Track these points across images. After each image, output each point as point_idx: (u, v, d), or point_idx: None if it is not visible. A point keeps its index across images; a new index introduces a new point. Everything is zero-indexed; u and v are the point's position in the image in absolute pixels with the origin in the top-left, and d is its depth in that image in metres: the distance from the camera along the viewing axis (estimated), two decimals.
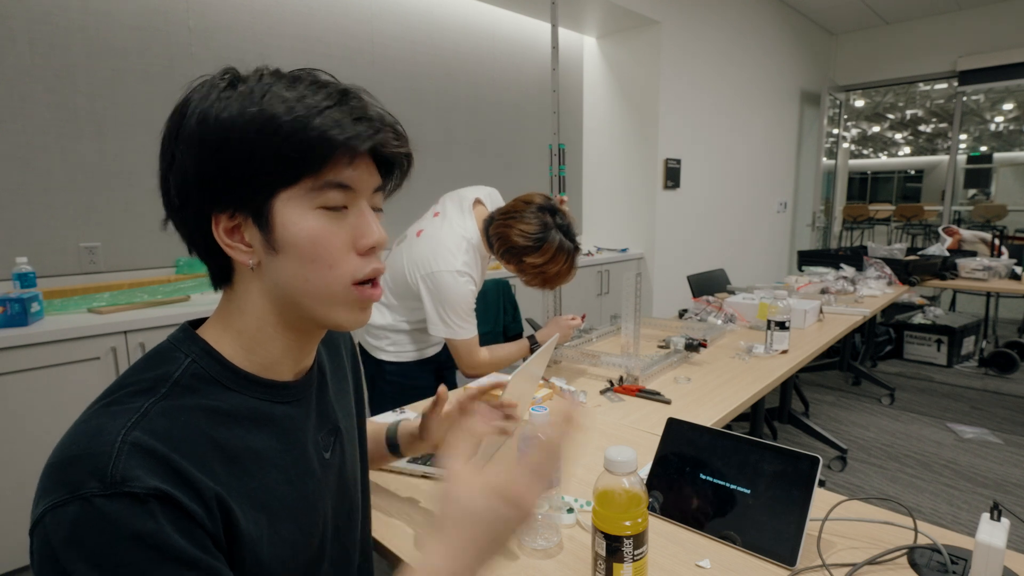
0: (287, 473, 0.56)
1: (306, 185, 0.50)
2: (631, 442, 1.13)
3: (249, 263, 0.52)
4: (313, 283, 0.52)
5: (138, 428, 0.46)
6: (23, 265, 1.86)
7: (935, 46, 5.43)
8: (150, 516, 0.43)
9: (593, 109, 4.17)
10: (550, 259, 1.38)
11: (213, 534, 0.47)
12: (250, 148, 0.48)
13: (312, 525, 0.59)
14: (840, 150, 6.53)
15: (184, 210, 0.52)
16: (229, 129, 0.48)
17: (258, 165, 0.49)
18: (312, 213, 0.51)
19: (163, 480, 0.44)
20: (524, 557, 0.77)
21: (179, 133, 0.50)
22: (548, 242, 1.37)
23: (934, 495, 2.35)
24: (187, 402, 0.50)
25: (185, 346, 0.53)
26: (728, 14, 4.39)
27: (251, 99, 0.49)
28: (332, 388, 0.68)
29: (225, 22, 2.40)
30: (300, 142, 0.48)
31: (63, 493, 0.42)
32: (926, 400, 3.38)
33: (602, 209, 4.23)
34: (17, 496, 1.70)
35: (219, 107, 0.49)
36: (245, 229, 0.51)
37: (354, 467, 0.71)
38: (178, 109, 0.52)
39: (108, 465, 0.43)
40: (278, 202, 0.50)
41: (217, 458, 0.49)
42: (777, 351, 1.75)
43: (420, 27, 3.08)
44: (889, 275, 3.06)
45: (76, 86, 2.08)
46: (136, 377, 0.51)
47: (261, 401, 0.55)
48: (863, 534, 0.81)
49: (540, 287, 1.48)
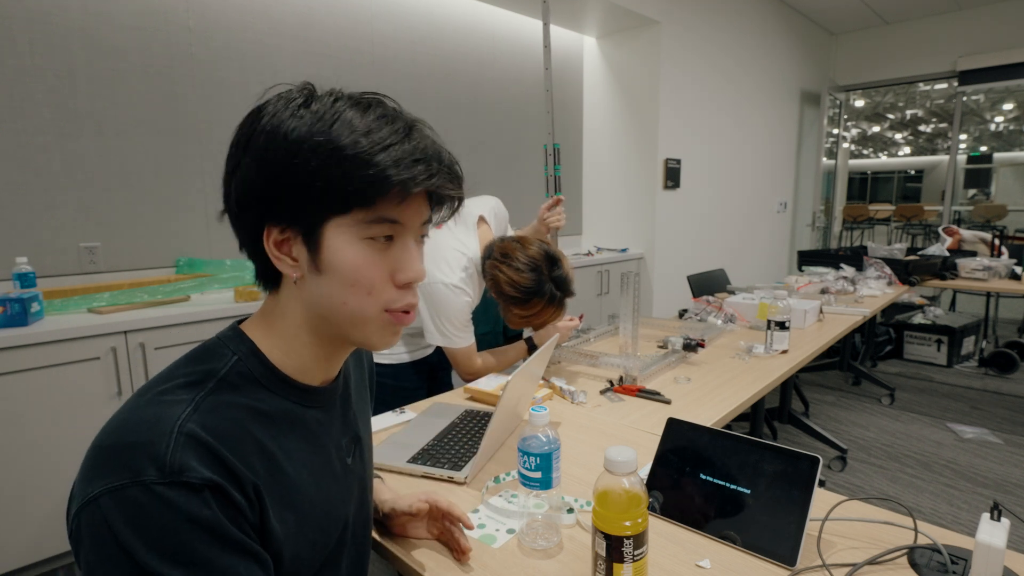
0: (315, 475, 0.58)
1: (358, 216, 0.52)
2: (631, 442, 1.13)
3: (293, 276, 0.54)
4: (350, 306, 0.54)
5: (192, 420, 0.48)
6: (23, 265, 1.86)
7: (935, 46, 5.43)
8: (205, 504, 0.46)
9: (593, 109, 4.17)
10: (536, 313, 1.35)
11: (253, 524, 0.50)
12: (312, 173, 0.50)
13: (333, 527, 0.61)
14: (840, 150, 6.53)
15: (241, 215, 0.54)
16: (295, 151, 0.50)
17: (316, 191, 0.50)
18: (360, 243, 0.53)
19: (214, 472, 0.47)
20: (524, 557, 0.77)
21: (248, 142, 0.52)
22: (538, 297, 1.31)
23: (934, 495, 2.35)
24: (232, 399, 0.52)
25: (233, 344, 0.56)
26: (728, 14, 4.39)
27: (321, 123, 0.50)
28: (355, 399, 0.70)
29: (225, 22, 2.40)
30: (360, 178, 0.50)
31: (123, 477, 0.44)
32: (926, 400, 3.38)
33: (602, 209, 4.23)
34: (18, 496, 1.69)
35: (289, 125, 0.50)
36: (294, 245, 0.54)
37: (370, 476, 0.73)
38: (251, 116, 0.53)
39: (167, 455, 0.45)
40: (329, 227, 0.52)
41: (256, 454, 0.52)
42: (777, 351, 1.75)
43: (420, 27, 3.08)
44: (889, 275, 3.06)
45: (76, 86, 2.08)
46: (186, 370, 0.53)
47: (294, 404, 0.58)
48: (863, 534, 0.81)
49: (532, 323, 1.43)
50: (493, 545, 0.80)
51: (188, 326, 1.94)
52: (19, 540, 1.71)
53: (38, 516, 1.73)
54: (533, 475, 0.78)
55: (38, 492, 1.73)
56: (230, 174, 0.54)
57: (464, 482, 0.97)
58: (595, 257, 3.70)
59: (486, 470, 1.02)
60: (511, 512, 0.88)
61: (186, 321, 1.94)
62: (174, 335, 1.92)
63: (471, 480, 0.98)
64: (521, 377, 1.05)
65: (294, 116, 0.51)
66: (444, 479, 0.98)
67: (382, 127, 0.51)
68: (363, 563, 0.71)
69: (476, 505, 0.90)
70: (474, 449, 1.06)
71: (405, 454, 1.05)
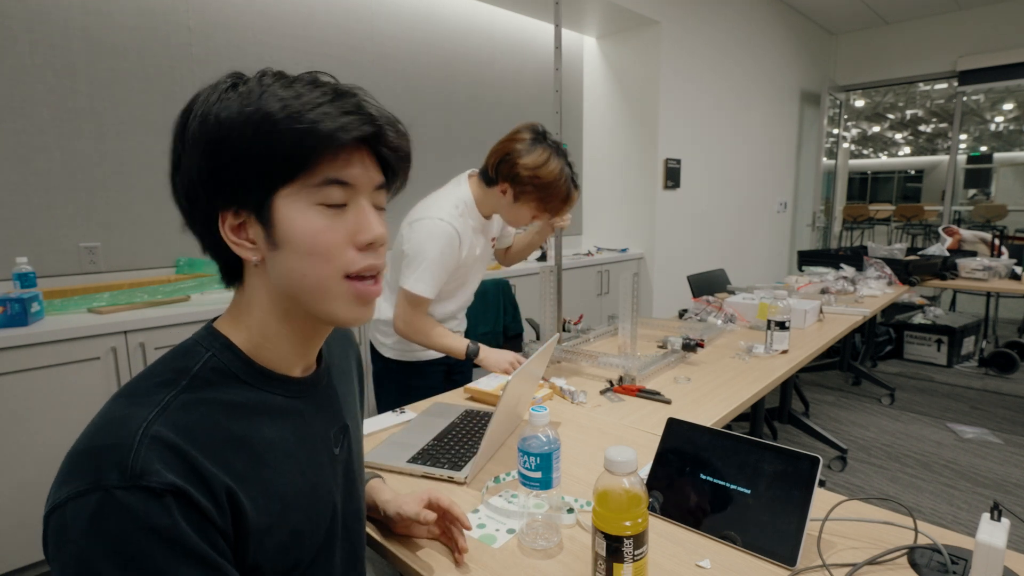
0: (300, 464, 0.58)
1: (304, 182, 0.52)
2: (631, 442, 1.13)
3: (253, 260, 0.54)
4: (310, 278, 0.54)
5: (158, 421, 0.47)
6: (23, 265, 1.86)
7: (935, 46, 5.43)
8: (165, 511, 0.44)
9: (593, 109, 4.17)
10: (544, 163, 1.38)
11: (222, 529, 0.48)
12: (247, 146, 0.50)
13: (320, 516, 0.61)
14: (840, 150, 6.52)
15: (192, 210, 0.54)
16: (228, 128, 0.50)
17: (256, 162, 0.50)
18: (312, 209, 0.52)
19: (179, 475, 0.46)
20: (524, 557, 0.77)
21: (184, 135, 0.52)
22: (542, 146, 1.40)
23: (934, 495, 2.35)
24: (205, 395, 0.52)
25: (207, 341, 0.56)
26: (728, 14, 4.39)
27: (249, 98, 0.50)
28: (340, 388, 0.69)
29: (225, 21, 2.39)
30: (292, 136, 0.50)
31: (86, 482, 0.44)
32: (926, 400, 3.38)
33: (602, 209, 4.23)
34: (18, 496, 1.69)
35: (219, 108, 0.51)
36: (249, 226, 0.53)
37: (360, 466, 0.73)
38: (184, 111, 0.53)
39: (129, 457, 0.45)
40: (279, 199, 0.52)
41: (233, 450, 0.51)
42: (777, 351, 1.75)
43: (420, 26, 3.08)
44: (889, 275, 3.06)
45: (76, 86, 2.08)
46: (159, 369, 0.53)
47: (274, 395, 0.57)
48: (863, 534, 0.81)
49: (538, 214, 1.44)
50: (493, 545, 0.80)
51: (188, 326, 1.94)
52: (19, 540, 1.71)
53: (38, 516, 1.73)
54: (533, 475, 0.78)
55: (38, 492, 1.73)
56: (174, 171, 0.54)
57: (464, 482, 0.97)
58: (595, 257, 3.70)
59: (486, 470, 1.02)
60: (511, 512, 0.88)
61: (186, 321, 1.94)
62: (174, 335, 1.92)
63: (471, 480, 0.98)
64: (521, 377, 1.05)
65: (222, 99, 0.51)
66: (444, 479, 0.98)
67: (311, 91, 0.51)
68: (358, 557, 0.70)
69: (476, 505, 0.90)
70: (474, 449, 1.06)
71: (405, 454, 1.05)
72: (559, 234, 1.74)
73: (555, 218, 1.60)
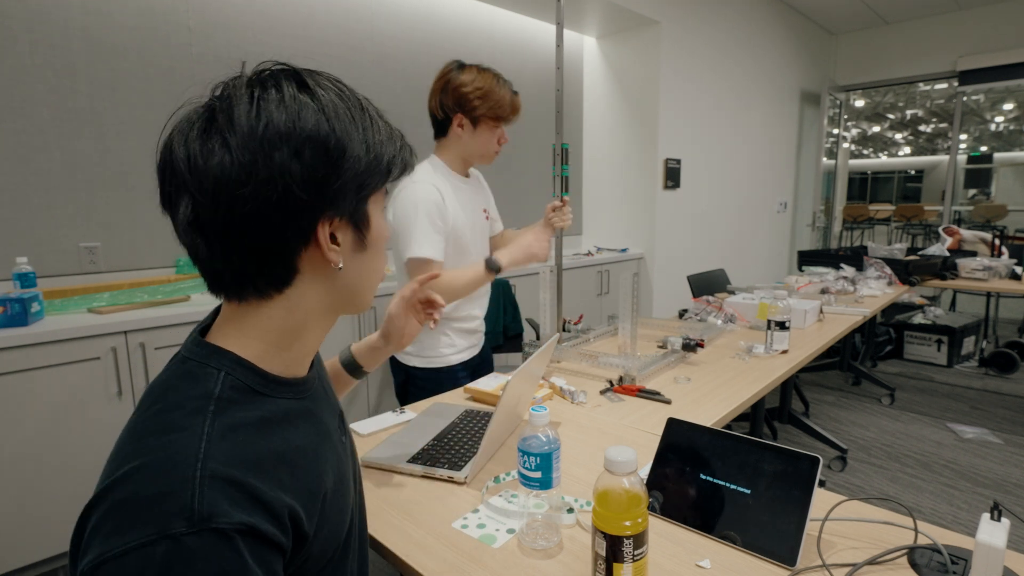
0: (328, 461, 0.59)
1: (382, 190, 0.59)
2: (631, 442, 1.13)
3: (339, 264, 0.56)
4: (379, 272, 0.62)
5: (210, 458, 0.46)
6: (23, 265, 1.86)
7: (935, 46, 5.43)
8: (236, 553, 0.44)
9: (593, 109, 4.17)
10: (478, 75, 1.45)
11: (285, 548, 0.49)
12: (356, 159, 0.54)
13: (347, 507, 0.63)
14: (840, 150, 6.53)
15: (284, 221, 0.51)
16: (330, 139, 0.52)
17: (362, 173, 0.55)
18: (383, 212, 0.61)
19: (245, 510, 0.45)
20: (524, 557, 0.77)
21: (262, 139, 0.51)
22: (468, 66, 1.48)
23: (934, 495, 2.35)
24: (236, 417, 0.50)
25: (214, 360, 0.53)
26: (728, 14, 4.39)
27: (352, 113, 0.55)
28: (323, 377, 0.71)
29: (225, 21, 2.40)
30: (389, 158, 0.57)
31: (150, 532, 0.42)
32: (926, 400, 3.38)
33: (602, 209, 4.23)
34: (18, 496, 1.69)
35: (309, 119, 0.53)
36: (341, 232, 0.56)
37: (354, 452, 0.75)
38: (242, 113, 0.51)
39: (192, 502, 0.43)
40: (370, 204, 0.58)
41: (278, 467, 0.51)
42: (777, 351, 1.75)
43: (420, 26, 3.08)
44: (889, 275, 3.06)
45: (76, 86, 2.08)
46: (178, 398, 0.50)
47: (289, 400, 0.57)
48: (863, 534, 0.81)
49: (495, 127, 1.50)
50: (493, 545, 0.80)
51: (188, 326, 1.94)
52: (19, 540, 1.71)
53: (38, 516, 1.73)
54: (533, 475, 0.78)
55: (38, 492, 1.73)
56: (239, 184, 0.48)
57: (464, 482, 0.97)
58: (595, 257, 3.70)
59: (486, 470, 1.02)
60: (511, 512, 0.88)
61: (186, 321, 1.94)
62: (174, 335, 1.92)
63: (471, 480, 0.98)
64: (521, 377, 1.05)
65: (303, 105, 0.51)
66: (444, 479, 0.98)
67: (380, 119, 0.58)
68: (364, 538, 0.72)
69: (476, 505, 0.90)
70: (474, 449, 1.06)
71: (405, 454, 1.05)
72: (559, 234, 1.74)
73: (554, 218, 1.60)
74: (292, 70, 0.54)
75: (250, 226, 0.50)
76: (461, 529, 0.83)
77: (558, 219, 1.59)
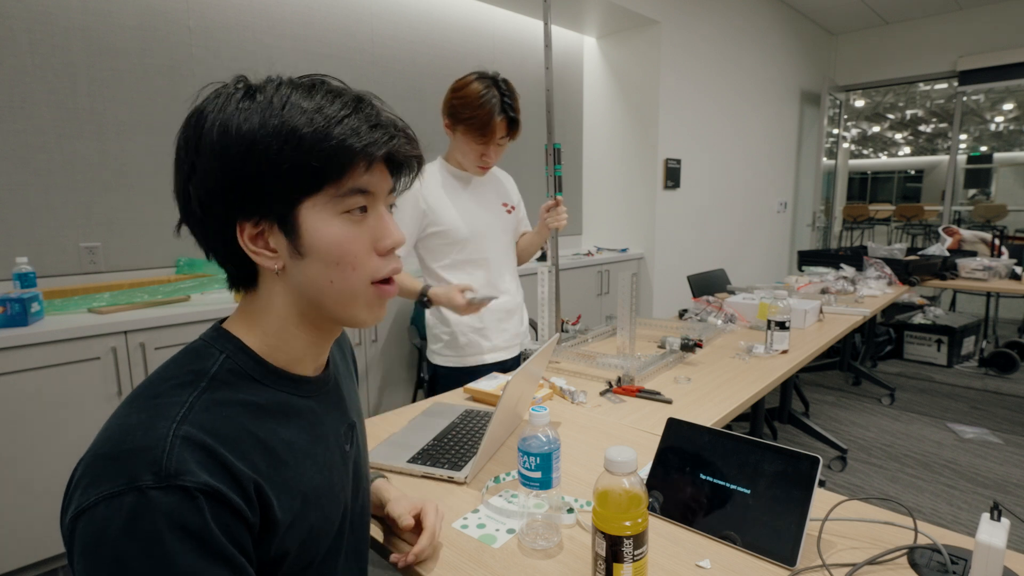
0: (317, 462, 0.59)
1: (330, 192, 0.53)
2: (631, 442, 1.13)
3: (275, 268, 0.54)
4: (337, 285, 0.55)
5: (187, 422, 0.48)
6: (23, 265, 1.86)
7: (935, 46, 5.43)
8: (198, 511, 0.45)
9: (593, 109, 4.17)
10: (466, 84, 1.46)
11: (251, 523, 0.50)
12: (274, 159, 0.50)
13: (334, 513, 0.62)
14: (840, 150, 6.52)
15: (206, 219, 0.53)
16: (252, 141, 0.50)
17: (283, 176, 0.51)
18: (337, 219, 0.54)
19: (211, 475, 0.47)
20: (524, 557, 0.77)
21: (199, 144, 0.51)
22: (474, 75, 1.49)
23: (934, 495, 2.35)
24: (225, 396, 0.52)
25: (219, 343, 0.56)
26: (728, 14, 4.39)
27: (271, 110, 0.51)
28: (344, 386, 0.70)
29: (225, 21, 2.39)
30: (322, 152, 0.51)
31: (119, 484, 0.44)
32: (926, 400, 3.38)
33: (602, 209, 4.23)
34: (18, 496, 1.69)
35: (240, 119, 0.50)
36: (270, 235, 0.54)
37: (365, 464, 0.74)
38: (193, 119, 0.53)
39: (162, 458, 0.45)
40: (303, 209, 0.53)
41: (256, 449, 0.52)
42: (777, 351, 1.75)
43: (420, 26, 3.08)
44: (889, 275, 3.06)
45: (76, 86, 2.08)
46: (176, 371, 0.53)
47: (289, 395, 0.58)
48: (863, 534, 0.81)
49: (471, 139, 1.47)
50: (493, 545, 0.80)
51: (188, 326, 1.95)
52: (19, 540, 1.71)
53: (38, 516, 1.73)
54: (533, 475, 0.78)
55: (38, 492, 1.73)
56: (184, 182, 0.53)
57: (464, 482, 0.97)
58: (595, 257, 3.70)
59: (486, 470, 1.02)
60: (511, 512, 0.88)
61: (186, 321, 1.94)
62: (174, 335, 1.92)
63: (471, 480, 0.98)
64: (521, 377, 1.05)
65: (239, 110, 0.51)
66: (444, 479, 0.98)
67: (332, 102, 0.52)
68: (361, 553, 0.71)
69: (476, 505, 0.90)
70: (474, 449, 1.06)
71: (405, 454, 1.05)
72: (556, 234, 1.74)
73: (549, 218, 1.60)
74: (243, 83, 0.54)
75: (193, 226, 0.55)
76: (461, 529, 0.83)
77: (552, 219, 1.59)
